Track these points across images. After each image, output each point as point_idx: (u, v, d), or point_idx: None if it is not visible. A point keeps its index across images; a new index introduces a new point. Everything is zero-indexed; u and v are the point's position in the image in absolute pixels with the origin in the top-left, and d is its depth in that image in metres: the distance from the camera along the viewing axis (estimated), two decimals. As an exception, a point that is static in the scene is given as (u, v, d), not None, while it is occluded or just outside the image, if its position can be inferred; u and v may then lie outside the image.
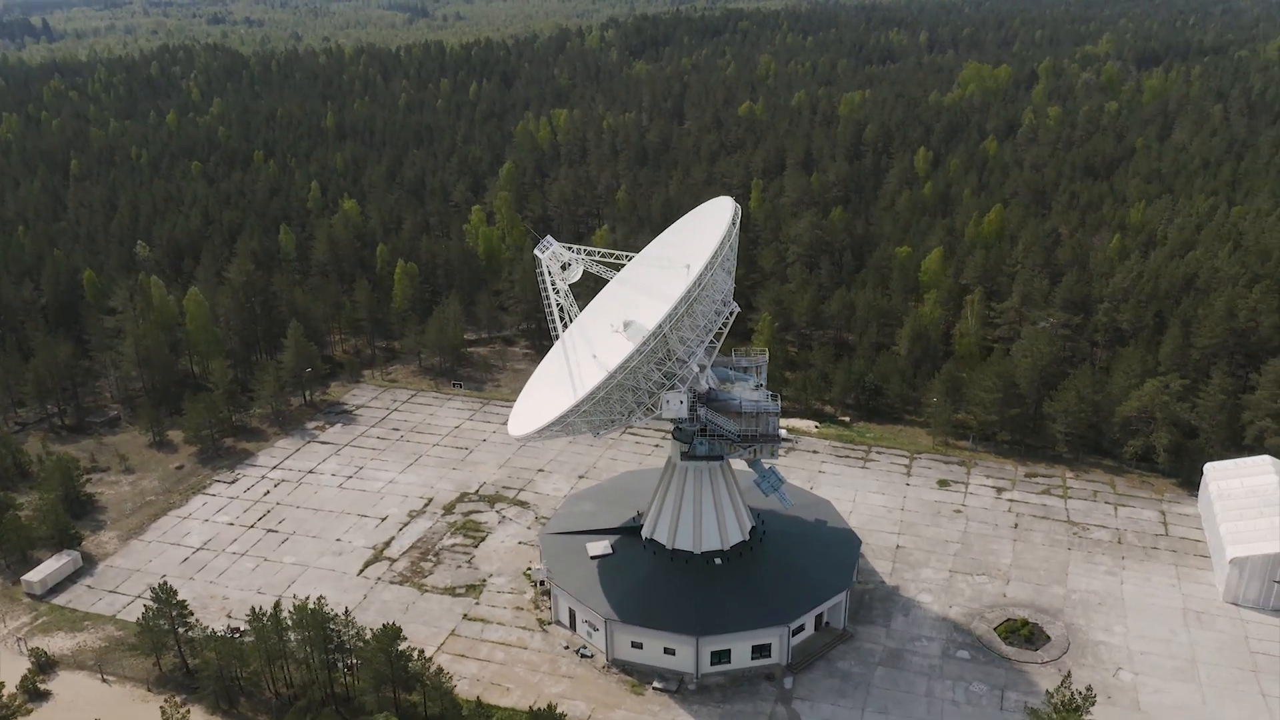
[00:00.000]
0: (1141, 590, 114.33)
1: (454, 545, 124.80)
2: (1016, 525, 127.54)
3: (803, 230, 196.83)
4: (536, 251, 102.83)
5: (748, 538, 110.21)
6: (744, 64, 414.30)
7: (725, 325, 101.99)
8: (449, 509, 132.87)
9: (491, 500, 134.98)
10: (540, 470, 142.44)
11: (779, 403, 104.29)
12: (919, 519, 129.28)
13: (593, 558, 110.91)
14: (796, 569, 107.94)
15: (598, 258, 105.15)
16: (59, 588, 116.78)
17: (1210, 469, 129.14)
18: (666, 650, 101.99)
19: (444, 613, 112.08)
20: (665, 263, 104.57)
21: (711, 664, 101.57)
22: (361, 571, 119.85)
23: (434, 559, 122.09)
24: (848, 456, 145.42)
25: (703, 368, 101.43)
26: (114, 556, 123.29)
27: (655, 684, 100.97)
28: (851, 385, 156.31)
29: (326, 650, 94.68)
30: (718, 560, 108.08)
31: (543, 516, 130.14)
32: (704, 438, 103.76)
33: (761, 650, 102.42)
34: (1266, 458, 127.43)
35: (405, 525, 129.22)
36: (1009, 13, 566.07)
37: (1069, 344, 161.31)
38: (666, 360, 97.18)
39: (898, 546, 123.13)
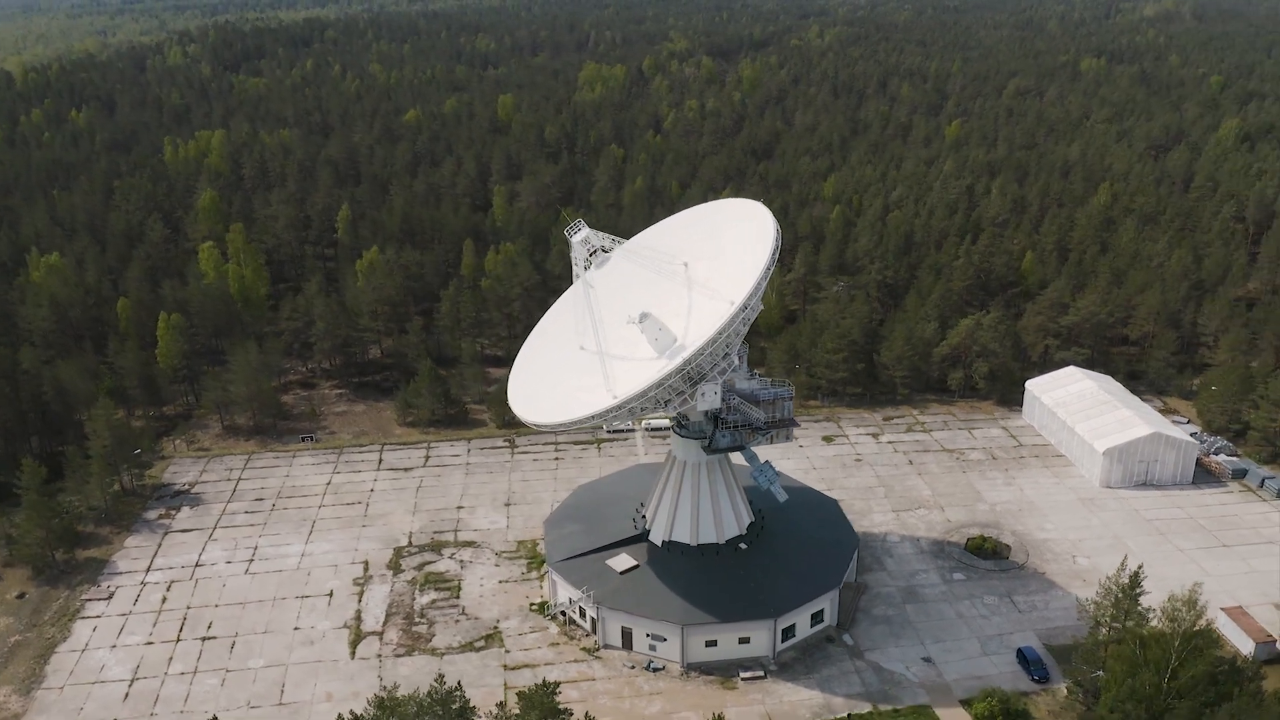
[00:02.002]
0: (1040, 493, 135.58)
1: (434, 601, 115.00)
2: (911, 462, 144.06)
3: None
4: (567, 233, 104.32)
5: (753, 520, 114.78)
6: (360, 73, 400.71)
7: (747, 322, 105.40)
8: (394, 568, 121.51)
9: (434, 548, 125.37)
10: (459, 507, 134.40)
11: (791, 389, 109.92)
12: (834, 474, 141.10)
13: (621, 573, 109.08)
14: (816, 540, 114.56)
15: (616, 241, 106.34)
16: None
17: (1032, 384, 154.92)
18: (741, 640, 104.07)
19: (482, 669, 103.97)
20: (666, 260, 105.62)
21: (782, 641, 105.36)
22: (354, 654, 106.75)
23: (423, 620, 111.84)
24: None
25: (742, 357, 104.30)
26: (30, 716, 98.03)
27: (743, 674, 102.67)
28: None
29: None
30: (742, 545, 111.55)
31: (504, 552, 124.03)
32: (725, 430, 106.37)
33: (817, 617, 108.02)
34: (1072, 368, 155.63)
35: (361, 595, 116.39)
36: (577, 15, 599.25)
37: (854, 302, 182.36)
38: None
39: (838, 501, 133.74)
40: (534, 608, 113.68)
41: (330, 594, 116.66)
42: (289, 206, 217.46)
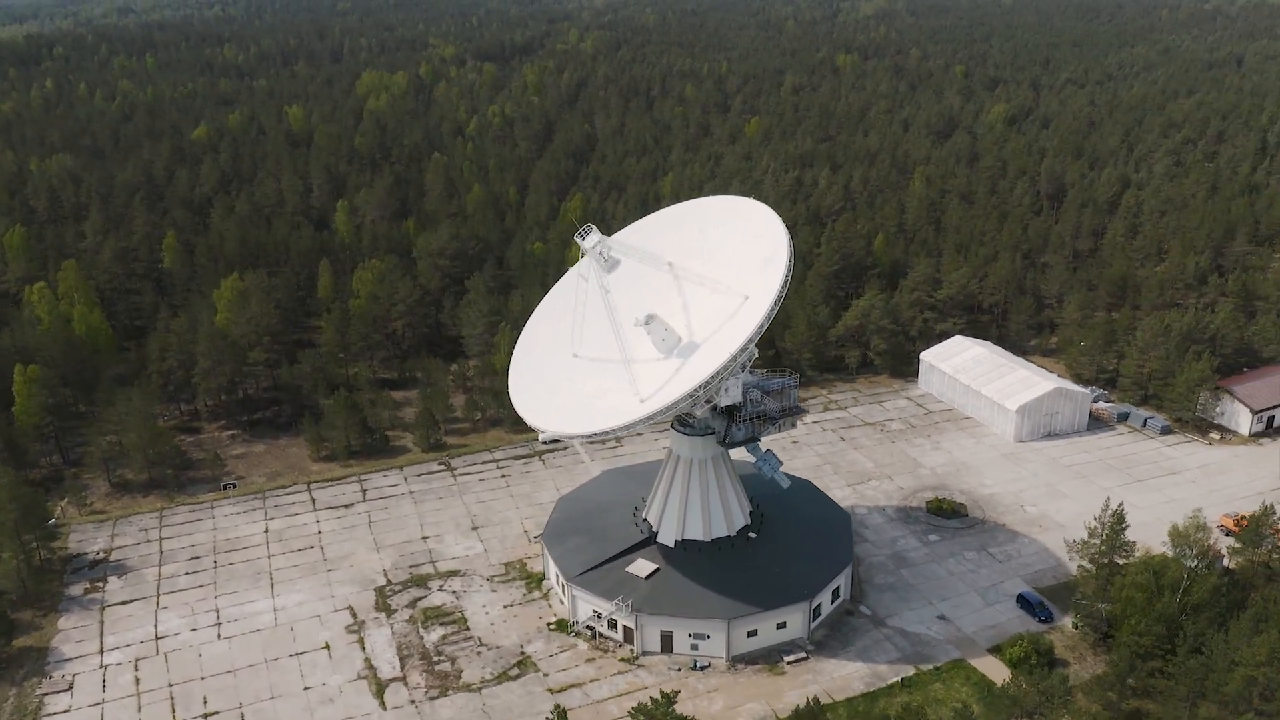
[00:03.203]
0: (967, 453, 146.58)
1: (445, 637, 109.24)
2: (844, 439, 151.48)
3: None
4: (577, 239, 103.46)
5: (753, 509, 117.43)
6: (110, 91, 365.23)
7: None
8: (384, 609, 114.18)
9: (418, 582, 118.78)
10: (424, 538, 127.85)
11: (795, 377, 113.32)
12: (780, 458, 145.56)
13: (646, 578, 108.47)
14: (814, 520, 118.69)
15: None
16: None
17: (926, 355, 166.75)
18: (779, 626, 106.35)
19: (526, 699, 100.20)
20: (653, 258, 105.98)
21: (813, 621, 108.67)
22: (385, 704, 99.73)
23: (442, 657, 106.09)
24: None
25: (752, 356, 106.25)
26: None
27: (787, 659, 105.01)
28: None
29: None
30: (751, 534, 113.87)
31: (495, 577, 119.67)
32: (741, 423, 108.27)
33: (835, 593, 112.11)
34: (959, 337, 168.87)
35: (361, 642, 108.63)
36: (325, 25, 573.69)
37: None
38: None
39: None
40: (553, 627, 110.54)
41: (326, 646, 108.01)
42: (109, 238, 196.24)
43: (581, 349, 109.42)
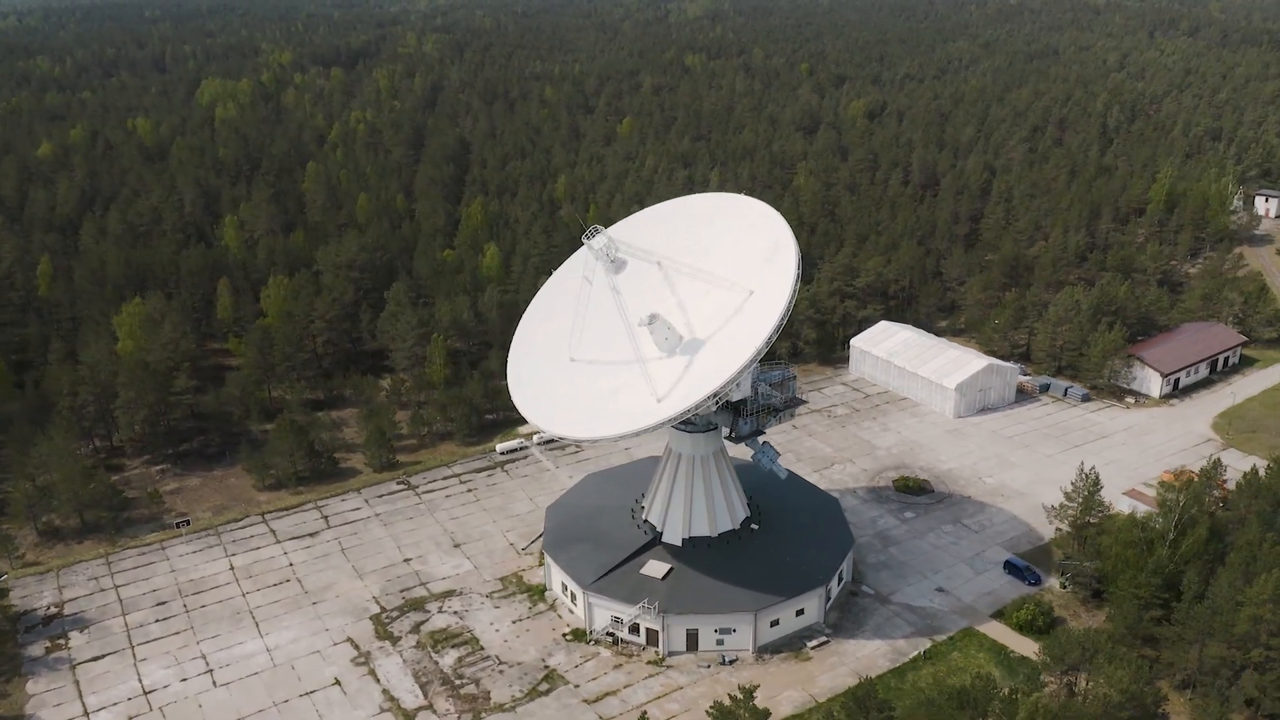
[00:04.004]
0: (914, 432, 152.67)
1: (461, 659, 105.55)
2: (795, 426, 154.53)
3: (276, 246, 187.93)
4: (584, 239, 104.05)
5: (749, 499, 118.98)
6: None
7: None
8: (386, 637, 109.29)
9: (414, 606, 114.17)
10: (406, 560, 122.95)
11: (793, 369, 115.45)
12: (742, 450, 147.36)
13: (662, 579, 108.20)
14: (808, 508, 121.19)
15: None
16: None
17: (856, 341, 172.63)
18: (798, 613, 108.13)
19: (564, 713, 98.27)
20: (643, 254, 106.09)
21: (827, 604, 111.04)
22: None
23: (465, 680, 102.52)
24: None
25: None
26: None
27: (810, 644, 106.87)
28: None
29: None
30: (753, 526, 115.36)
31: (494, 593, 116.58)
32: (746, 417, 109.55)
33: (839, 576, 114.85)
34: (884, 322, 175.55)
35: (373, 674, 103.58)
36: (142, 34, 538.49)
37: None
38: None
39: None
40: (569, 637, 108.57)
41: (337, 682, 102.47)
42: None
43: (582, 351, 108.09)
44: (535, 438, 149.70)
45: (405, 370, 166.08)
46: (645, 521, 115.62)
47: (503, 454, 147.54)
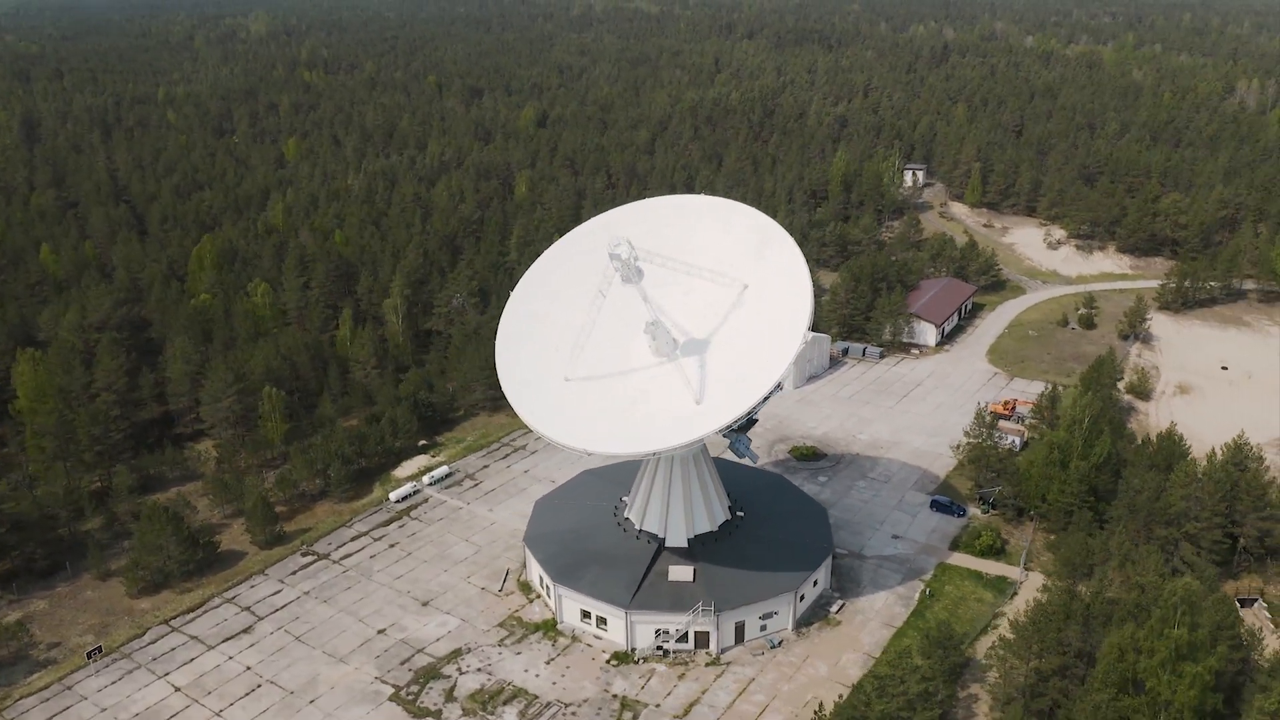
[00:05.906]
0: (773, 405, 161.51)
1: (524, 712, 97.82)
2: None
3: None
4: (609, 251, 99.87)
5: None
6: None
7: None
8: (427, 713, 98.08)
9: (428, 676, 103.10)
10: (381, 631, 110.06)
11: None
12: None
13: (693, 581, 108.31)
14: (779, 486, 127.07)
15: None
16: None
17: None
18: (814, 584, 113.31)
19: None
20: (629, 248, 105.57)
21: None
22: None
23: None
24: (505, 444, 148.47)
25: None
26: None
27: (832, 610, 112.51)
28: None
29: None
30: (740, 513, 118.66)
31: (505, 640, 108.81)
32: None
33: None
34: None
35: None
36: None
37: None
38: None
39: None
40: (614, 663, 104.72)
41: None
42: None
43: (587, 364, 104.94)
44: (426, 478, 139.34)
45: (224, 431, 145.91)
46: (641, 532, 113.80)
47: (398, 502, 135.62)
